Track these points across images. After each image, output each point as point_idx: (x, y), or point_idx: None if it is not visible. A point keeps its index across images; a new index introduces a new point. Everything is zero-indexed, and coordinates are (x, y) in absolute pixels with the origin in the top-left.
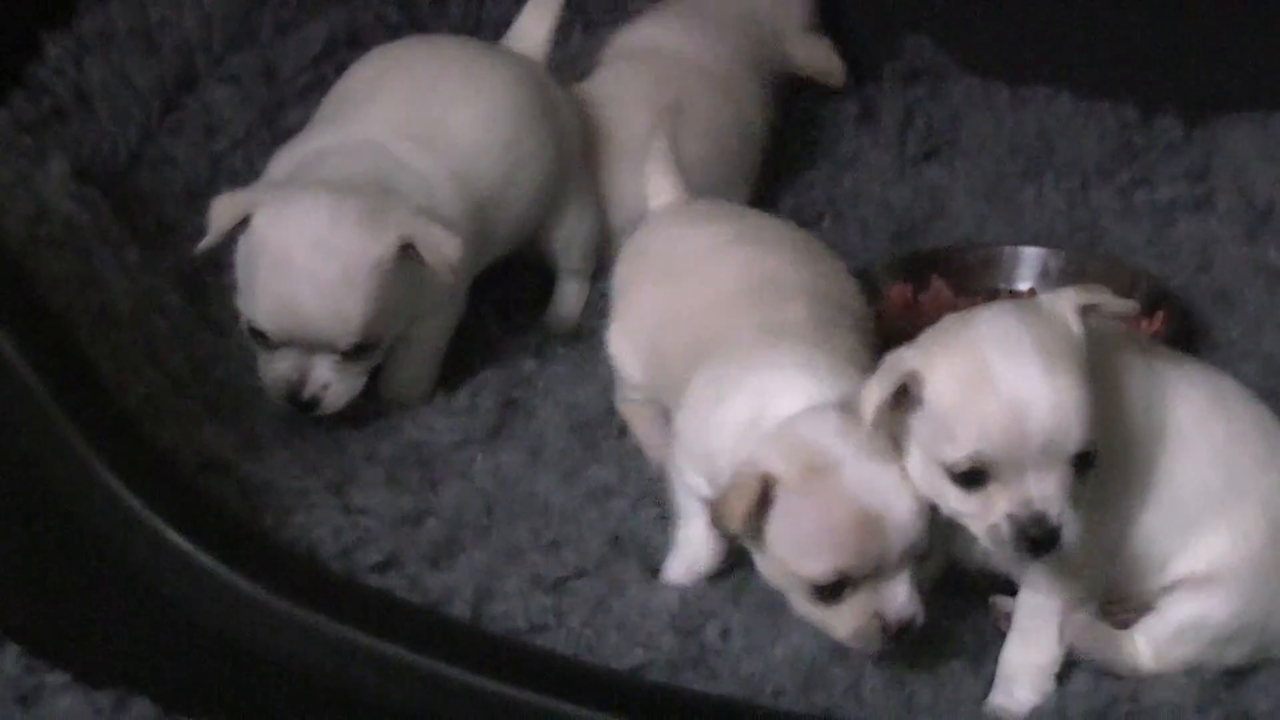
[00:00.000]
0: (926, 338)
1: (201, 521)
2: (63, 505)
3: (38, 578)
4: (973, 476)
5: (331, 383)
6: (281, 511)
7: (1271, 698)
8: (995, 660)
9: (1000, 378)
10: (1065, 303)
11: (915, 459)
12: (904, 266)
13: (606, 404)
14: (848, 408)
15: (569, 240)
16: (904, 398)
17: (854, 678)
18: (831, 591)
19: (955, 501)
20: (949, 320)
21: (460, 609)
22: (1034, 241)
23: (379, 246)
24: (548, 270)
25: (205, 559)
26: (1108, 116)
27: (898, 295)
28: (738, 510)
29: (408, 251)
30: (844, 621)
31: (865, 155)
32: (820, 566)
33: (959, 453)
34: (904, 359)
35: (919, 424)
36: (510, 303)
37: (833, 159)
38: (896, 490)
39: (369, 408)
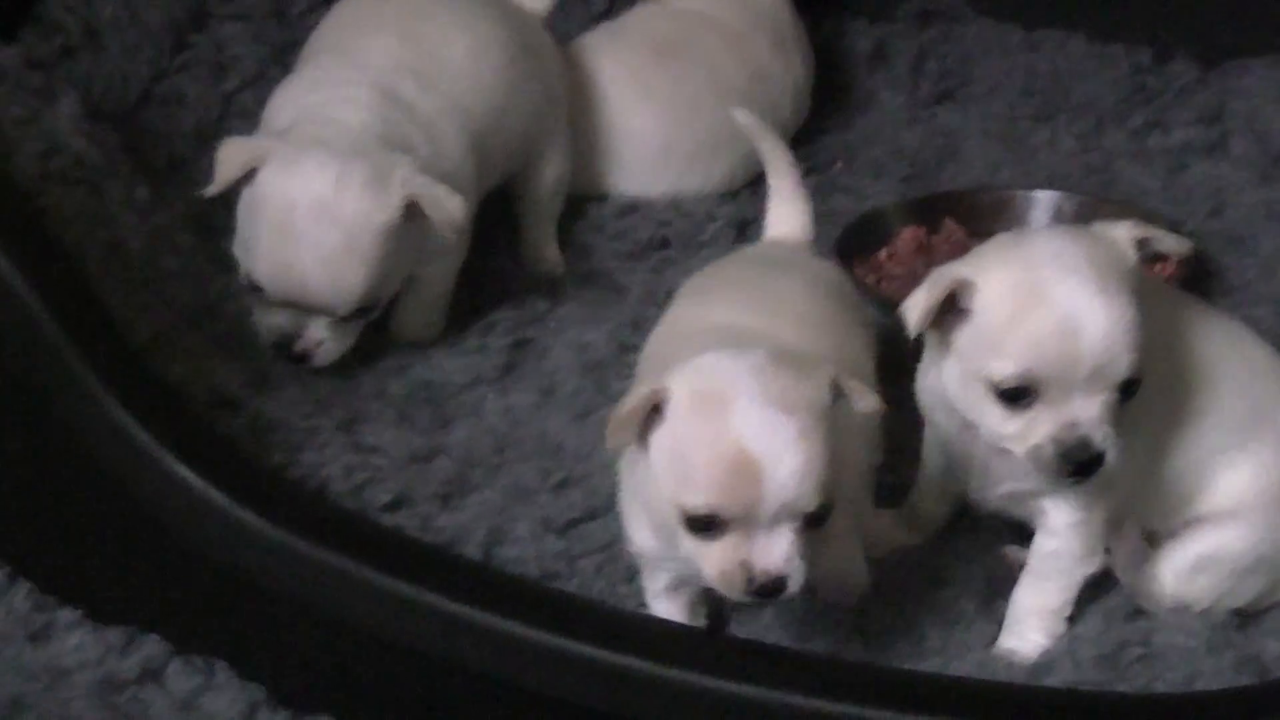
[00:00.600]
0: (979, 251)
1: (211, 457)
2: (73, 441)
3: (48, 514)
4: (1018, 394)
5: (325, 340)
6: (291, 449)
7: None
8: (1005, 603)
9: (1056, 295)
10: (1122, 231)
11: (954, 374)
12: (917, 209)
13: (618, 344)
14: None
15: (546, 182)
16: (951, 310)
17: (860, 619)
18: (703, 525)
19: (996, 421)
20: (1003, 237)
21: (472, 553)
22: (1047, 185)
23: (384, 213)
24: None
25: (215, 494)
26: (1121, 60)
27: (910, 238)
28: (624, 414)
29: (412, 210)
30: (711, 561)
31: (878, 98)
32: (691, 496)
33: (1007, 369)
34: (955, 268)
35: (965, 337)
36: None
37: (846, 102)
38: (787, 444)
39: (379, 347)
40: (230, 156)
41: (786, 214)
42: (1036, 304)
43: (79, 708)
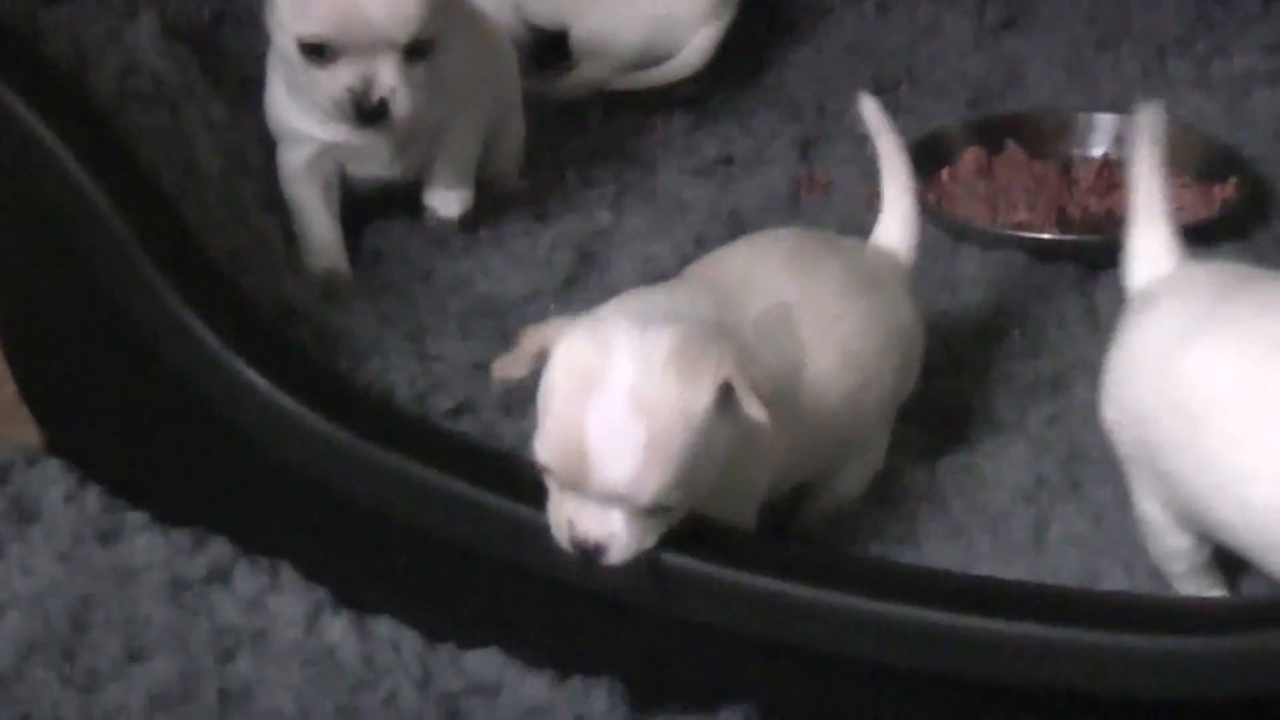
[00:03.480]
0: None
1: (281, 364)
2: (148, 348)
3: (120, 419)
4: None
5: (397, 87)
6: (357, 357)
7: None
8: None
9: None
10: None
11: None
12: (979, 130)
13: (681, 258)
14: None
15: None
16: None
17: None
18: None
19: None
20: None
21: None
22: (1109, 109)
23: None
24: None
25: (284, 399)
26: None
27: (972, 158)
28: (511, 355)
29: None
30: (552, 507)
31: (943, 23)
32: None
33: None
34: None
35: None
36: (587, 155)
37: (911, 27)
38: (627, 446)
39: (437, 265)
40: None
41: (892, 228)
42: None
43: (147, 607)
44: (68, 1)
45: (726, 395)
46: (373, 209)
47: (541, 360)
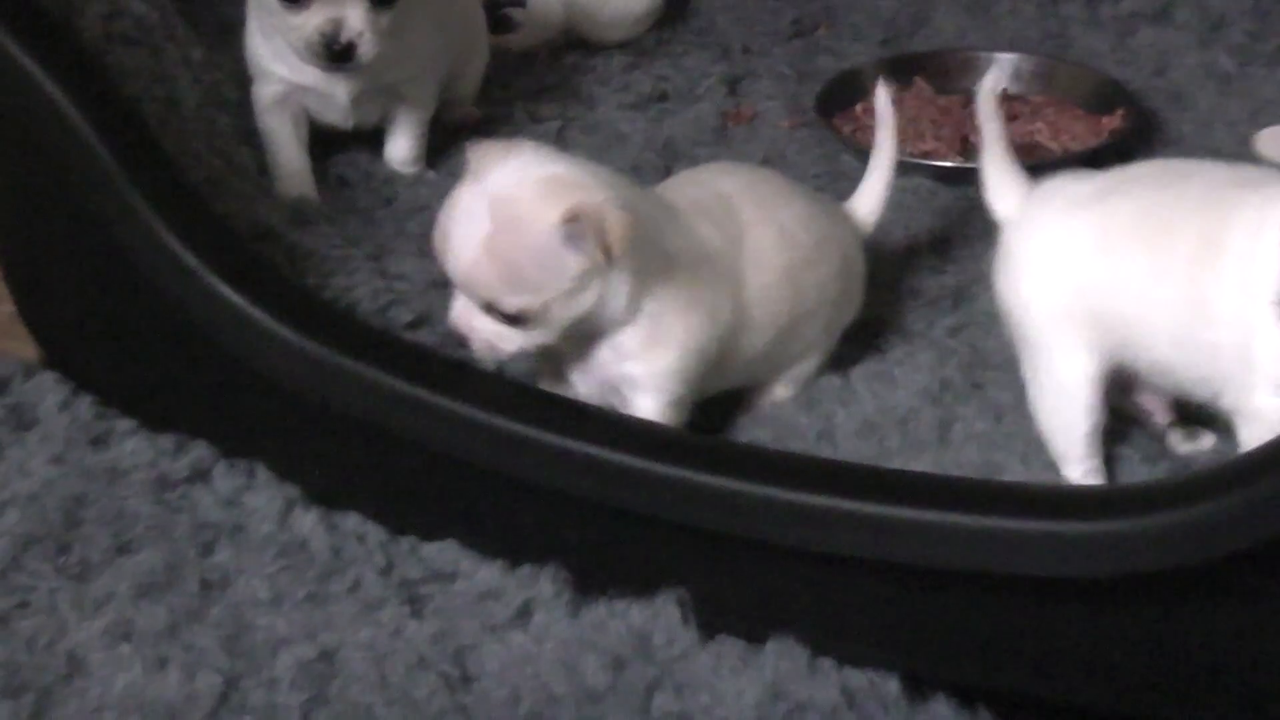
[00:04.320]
0: None
1: (254, 280)
2: (134, 268)
3: (109, 334)
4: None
5: (364, 31)
6: (324, 275)
7: None
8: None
9: None
10: None
11: None
12: (891, 68)
13: None
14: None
15: (471, 73)
16: None
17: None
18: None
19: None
20: None
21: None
22: (1009, 48)
23: None
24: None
25: (257, 313)
26: None
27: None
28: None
29: None
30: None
31: None
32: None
33: None
34: None
35: None
36: (534, 91)
37: None
38: (475, 241)
39: (395, 193)
40: None
41: (864, 199)
42: None
43: (134, 504)
44: None
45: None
46: (340, 142)
47: None
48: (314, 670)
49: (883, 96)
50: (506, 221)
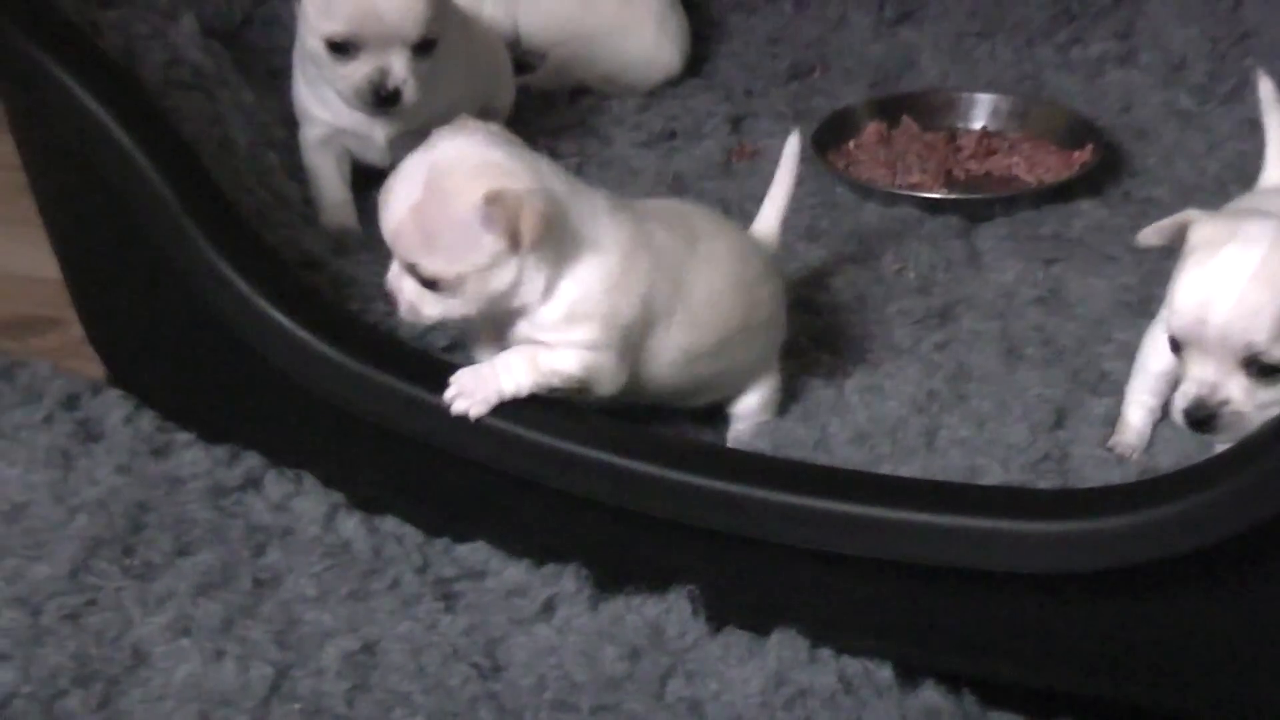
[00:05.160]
0: None
1: (302, 305)
2: (191, 295)
3: (169, 354)
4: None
5: (407, 79)
6: (366, 300)
7: None
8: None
9: None
10: None
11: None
12: (880, 107)
13: None
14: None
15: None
16: None
17: (823, 435)
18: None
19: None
20: None
21: None
22: (987, 89)
23: None
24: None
25: (305, 335)
26: None
27: (874, 130)
28: None
29: None
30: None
31: (850, 18)
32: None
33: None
34: None
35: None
36: (555, 129)
37: (822, 22)
38: (404, 208)
39: None
40: None
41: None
42: None
43: (193, 510)
44: (120, 5)
45: (497, 210)
46: (381, 176)
47: None
48: (357, 661)
49: (792, 145)
50: (436, 191)
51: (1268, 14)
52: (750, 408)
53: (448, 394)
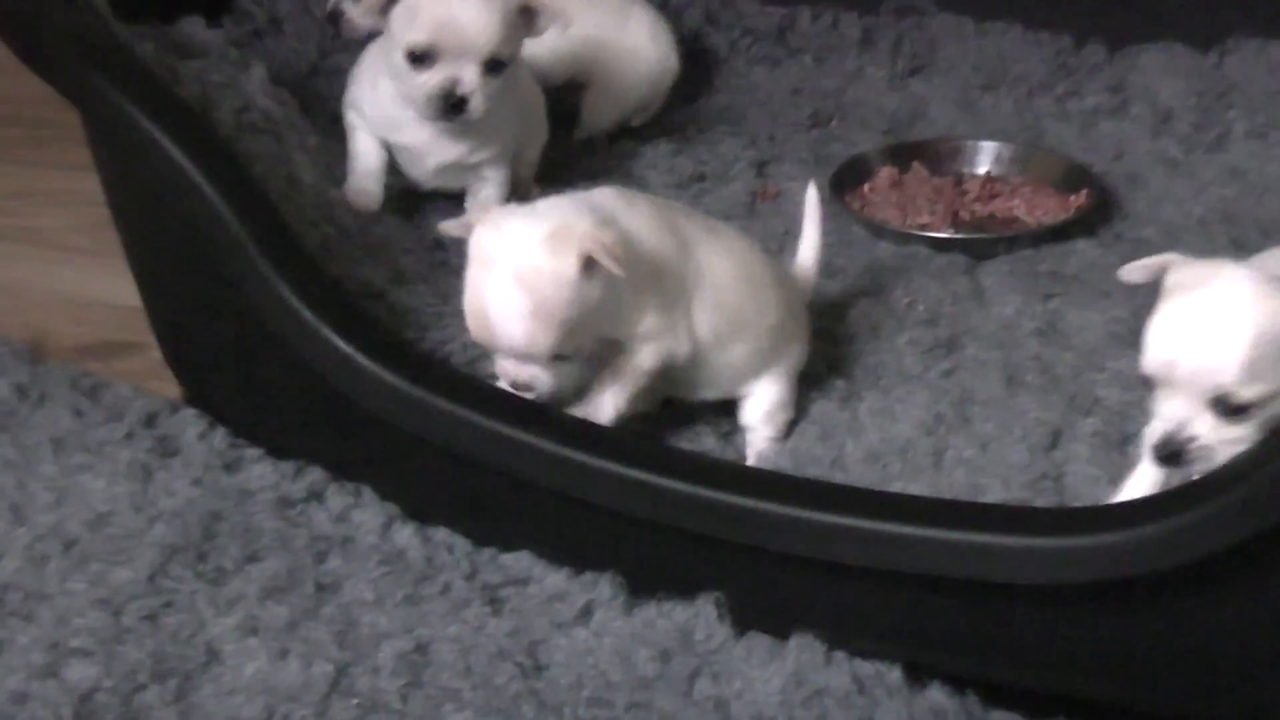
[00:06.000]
0: None
1: (362, 333)
2: (260, 322)
3: (240, 376)
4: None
5: (476, 90)
6: (421, 328)
7: None
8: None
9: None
10: None
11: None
12: (893, 153)
13: None
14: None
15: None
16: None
17: (839, 455)
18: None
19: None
20: None
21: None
22: (991, 137)
23: None
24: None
25: (364, 360)
26: (1048, 44)
27: (887, 175)
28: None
29: (524, 14)
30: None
31: (865, 71)
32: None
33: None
34: None
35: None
36: (594, 172)
37: (840, 74)
38: (515, 310)
39: None
40: None
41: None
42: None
43: (261, 520)
44: (197, 56)
45: (591, 263)
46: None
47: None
48: (410, 660)
49: (812, 194)
50: (540, 289)
51: (1248, 70)
52: (756, 415)
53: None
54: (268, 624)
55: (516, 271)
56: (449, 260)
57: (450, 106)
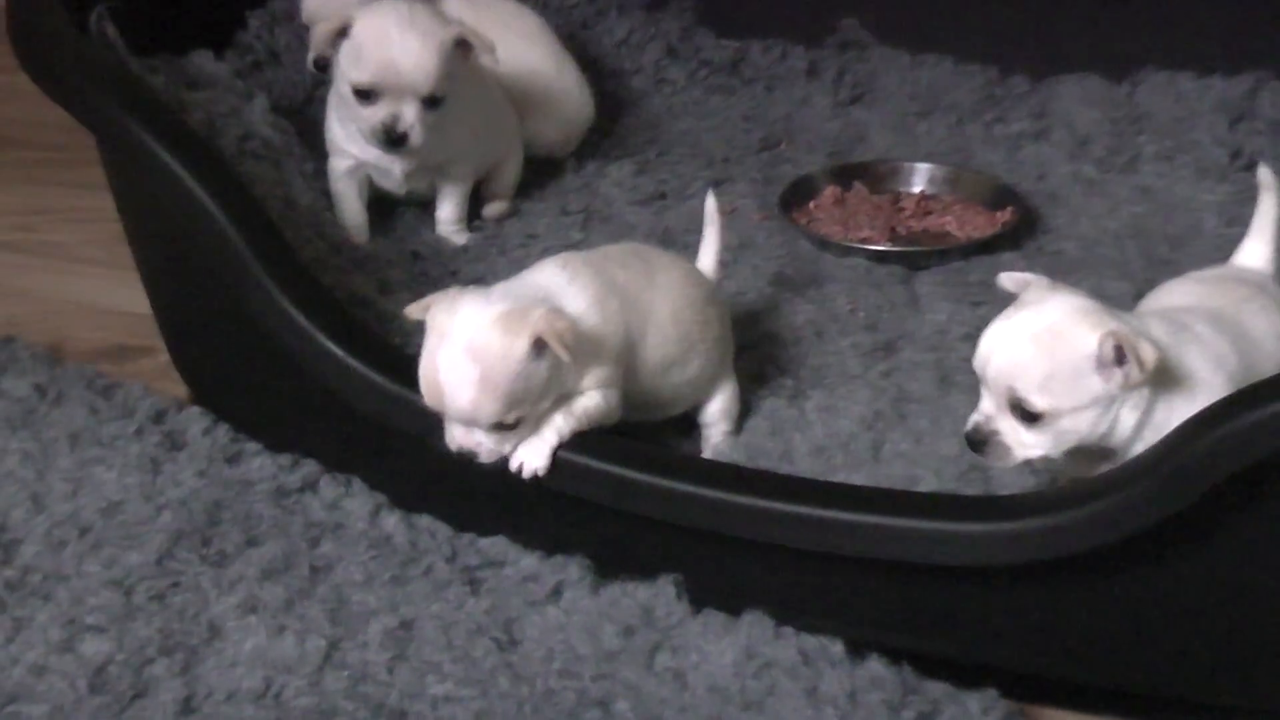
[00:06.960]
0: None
1: (351, 338)
2: (260, 328)
3: (241, 377)
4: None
5: (415, 125)
6: (406, 334)
7: None
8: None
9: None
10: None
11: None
12: (836, 174)
13: None
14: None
15: (507, 174)
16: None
17: (786, 448)
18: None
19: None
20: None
21: None
22: (925, 159)
23: (447, 32)
24: (588, 170)
25: (355, 363)
26: (977, 75)
27: (831, 193)
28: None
29: (459, 46)
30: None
31: (812, 99)
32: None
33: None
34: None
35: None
36: (564, 191)
37: (789, 101)
38: (466, 383)
39: (462, 266)
40: (321, 30)
41: (706, 260)
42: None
43: (260, 508)
44: (204, 87)
45: (541, 344)
46: (402, 213)
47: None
48: (396, 636)
49: (710, 203)
50: (489, 363)
51: (1157, 99)
52: (715, 414)
53: (512, 464)
54: (266, 603)
55: (469, 344)
56: (429, 271)
57: (392, 141)
